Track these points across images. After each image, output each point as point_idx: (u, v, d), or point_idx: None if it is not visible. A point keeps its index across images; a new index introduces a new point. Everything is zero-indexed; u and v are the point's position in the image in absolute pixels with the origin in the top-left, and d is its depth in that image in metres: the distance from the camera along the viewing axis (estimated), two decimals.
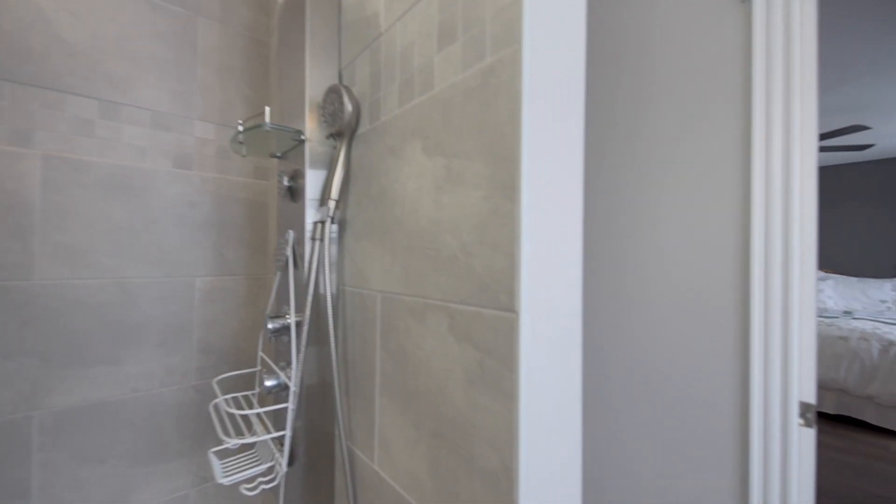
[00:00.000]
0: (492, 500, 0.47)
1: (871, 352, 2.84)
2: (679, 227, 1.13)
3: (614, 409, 1.29)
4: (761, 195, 0.99)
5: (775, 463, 0.97)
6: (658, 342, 1.17)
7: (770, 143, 0.97)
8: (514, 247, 0.44)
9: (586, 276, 1.38)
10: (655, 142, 1.18)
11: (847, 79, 2.36)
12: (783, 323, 0.99)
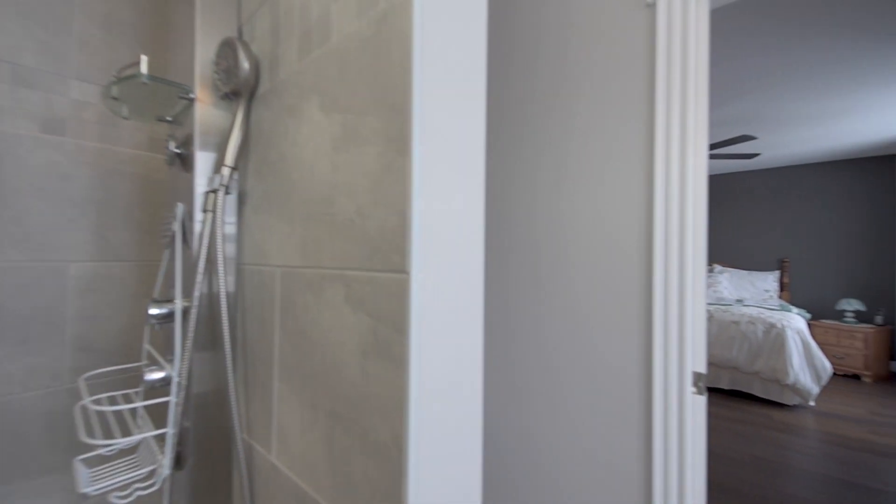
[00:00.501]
0: (382, 474, 0.44)
1: (756, 333, 3.28)
2: (592, 213, 1.20)
3: (526, 378, 1.34)
4: (662, 195, 1.08)
5: (674, 425, 1.06)
6: (573, 318, 1.23)
7: (669, 150, 1.06)
8: (405, 203, 0.42)
9: (500, 250, 1.42)
10: (571, 130, 1.24)
11: (739, 93, 2.69)
12: (679, 305, 1.08)
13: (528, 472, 1.37)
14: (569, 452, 1.26)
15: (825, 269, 4.43)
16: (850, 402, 3.23)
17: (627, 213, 1.14)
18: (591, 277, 1.21)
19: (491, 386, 1.48)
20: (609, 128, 1.18)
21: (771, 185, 4.80)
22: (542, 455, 1.33)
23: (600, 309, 1.20)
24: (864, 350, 3.79)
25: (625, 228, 1.15)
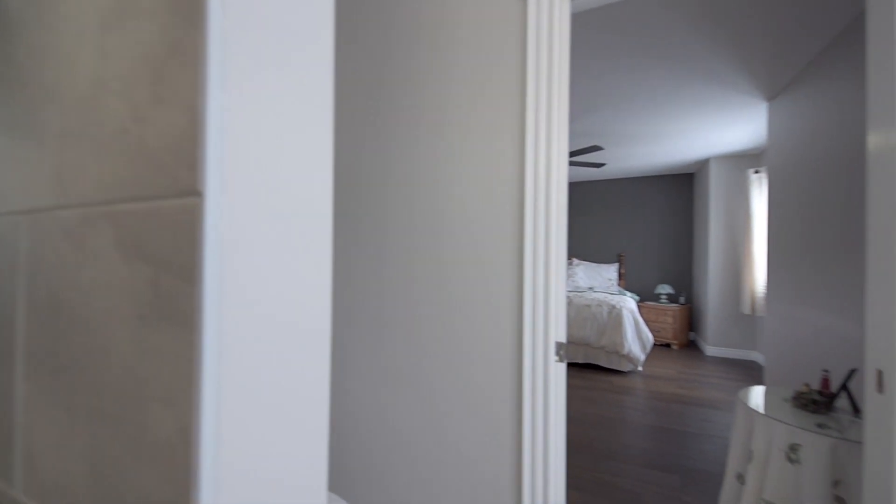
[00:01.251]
0: (163, 482, 0.31)
1: (603, 314, 3.89)
2: (471, 200, 1.21)
3: (398, 349, 1.30)
4: (531, 194, 1.14)
5: (540, 389, 1.12)
6: (454, 293, 1.23)
7: (538, 150, 1.13)
8: (196, 95, 0.29)
9: (374, 237, 1.34)
10: (451, 110, 1.23)
11: (592, 109, 3.13)
12: (545, 286, 1.14)
13: (409, 441, 1.31)
14: (451, 418, 1.25)
15: (648, 261, 5.54)
16: (665, 365, 4.09)
17: (501, 202, 1.18)
18: (470, 260, 1.22)
19: (359, 366, 1.38)
20: (484, 123, 1.20)
21: (613, 193, 5.78)
22: (424, 422, 1.29)
23: (477, 290, 1.21)
24: (673, 324, 4.85)
25: (499, 213, 1.19)
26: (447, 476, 1.25)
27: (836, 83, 2.06)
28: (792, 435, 1.25)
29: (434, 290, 1.28)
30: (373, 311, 1.38)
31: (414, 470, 1.30)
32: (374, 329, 1.37)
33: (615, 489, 1.89)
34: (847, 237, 1.90)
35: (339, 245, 1.44)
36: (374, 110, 1.37)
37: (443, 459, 1.26)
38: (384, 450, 1.35)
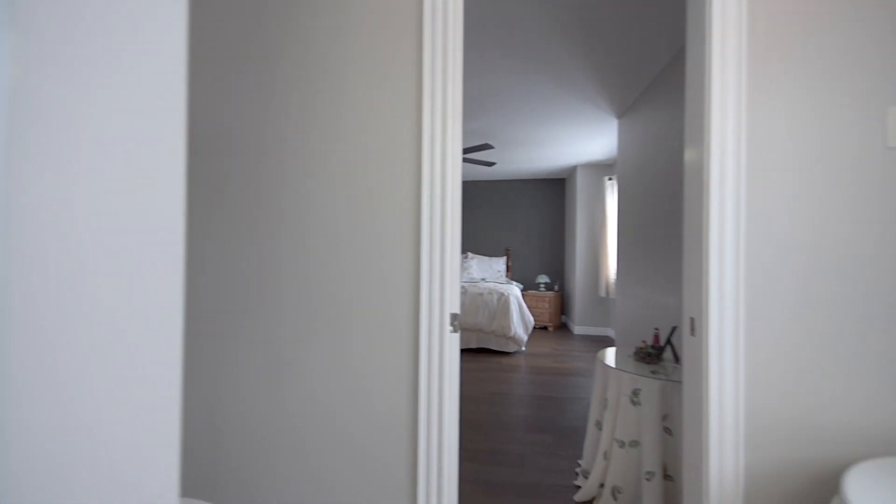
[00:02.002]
0: None
1: (493, 301, 4.21)
2: (375, 177, 1.19)
3: (286, 335, 1.22)
4: (428, 173, 1.17)
5: (435, 357, 1.16)
6: (350, 271, 1.19)
7: (433, 133, 1.16)
8: None
9: (265, 227, 1.23)
10: (350, 90, 1.18)
11: (482, 110, 3.36)
12: (441, 258, 1.18)
13: (295, 422, 1.22)
14: (345, 401, 1.20)
15: (531, 254, 6.20)
16: (543, 344, 4.63)
17: (399, 180, 1.18)
18: (367, 238, 1.19)
19: (238, 359, 1.24)
20: (385, 102, 1.19)
21: (503, 193, 6.31)
22: (328, 392, 1.21)
23: (372, 268, 1.19)
24: (549, 309, 5.53)
25: (397, 191, 1.18)
26: (340, 460, 1.20)
27: (664, 107, 2.61)
28: (634, 382, 1.55)
29: (329, 271, 1.21)
30: (259, 297, 1.24)
31: (306, 462, 1.21)
32: (259, 318, 1.24)
33: (503, 454, 2.07)
34: (671, 230, 2.43)
35: (217, 228, 1.26)
36: (270, 85, 1.24)
37: (335, 447, 1.20)
38: (271, 446, 1.23)
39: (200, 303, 1.26)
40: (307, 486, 1.21)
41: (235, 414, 1.25)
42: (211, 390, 1.26)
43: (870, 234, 1.00)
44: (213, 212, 1.26)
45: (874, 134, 1.00)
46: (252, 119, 1.25)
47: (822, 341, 1.01)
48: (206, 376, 1.26)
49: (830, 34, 1.02)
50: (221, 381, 1.26)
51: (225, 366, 1.26)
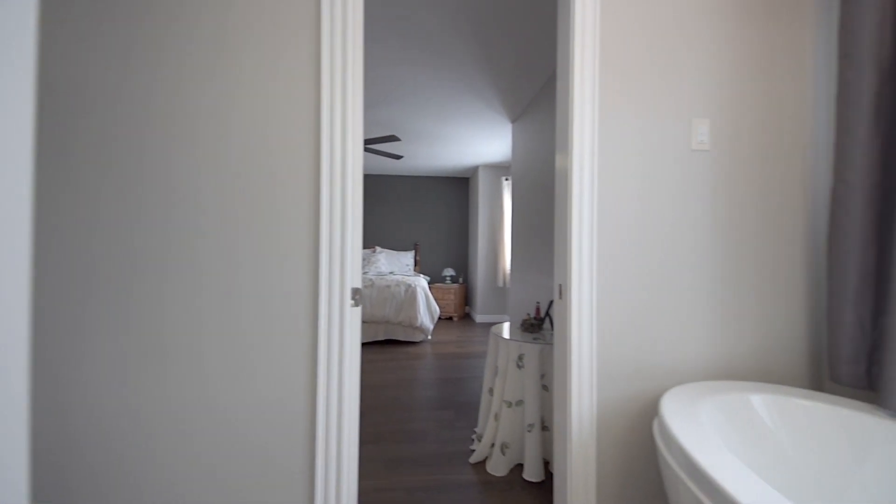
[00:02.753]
0: None
1: (401, 293, 4.27)
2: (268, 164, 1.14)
3: (166, 318, 1.12)
4: (328, 146, 1.17)
5: (336, 332, 1.17)
6: (243, 247, 1.14)
7: (333, 104, 1.17)
8: None
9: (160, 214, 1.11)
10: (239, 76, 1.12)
11: (387, 101, 3.39)
12: (341, 234, 1.20)
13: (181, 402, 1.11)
14: (236, 384, 1.13)
15: (438, 248, 6.43)
16: (448, 333, 4.85)
17: (297, 155, 1.16)
18: (262, 213, 1.14)
19: (107, 348, 1.09)
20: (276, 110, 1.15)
21: (411, 189, 6.40)
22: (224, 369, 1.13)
23: (269, 242, 1.15)
24: (455, 300, 5.80)
25: (294, 166, 1.16)
26: (233, 449, 1.13)
27: (544, 116, 2.98)
28: (519, 348, 1.76)
29: (221, 251, 1.13)
30: (140, 281, 1.09)
31: (192, 451, 1.11)
32: (137, 302, 1.09)
33: (406, 433, 2.15)
34: (549, 223, 2.79)
35: (94, 210, 1.07)
36: (160, 62, 1.09)
37: (225, 436, 1.13)
38: (152, 440, 1.09)
39: (64, 287, 1.06)
40: (195, 477, 1.11)
41: (102, 410, 1.08)
42: (76, 386, 1.07)
43: (682, 214, 1.32)
44: (95, 193, 1.07)
45: (684, 140, 1.33)
46: (127, 84, 1.09)
47: (651, 301, 1.30)
48: (66, 371, 1.07)
49: (656, 72, 1.31)
50: (85, 374, 1.07)
51: (87, 358, 1.08)
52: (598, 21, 1.28)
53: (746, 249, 1.33)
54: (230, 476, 1.13)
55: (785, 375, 1.33)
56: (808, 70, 1.36)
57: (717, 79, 1.33)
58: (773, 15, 1.34)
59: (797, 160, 1.35)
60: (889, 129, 1.07)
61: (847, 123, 1.11)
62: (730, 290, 1.32)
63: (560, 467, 1.31)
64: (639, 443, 1.28)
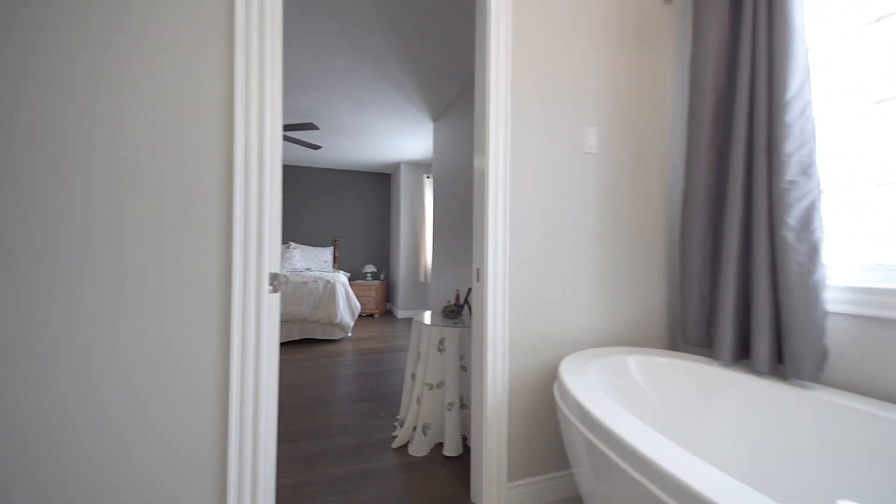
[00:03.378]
0: None
1: (319, 289, 4.10)
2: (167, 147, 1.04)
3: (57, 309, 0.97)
4: (242, 123, 1.10)
5: (251, 319, 1.11)
6: (146, 234, 1.02)
7: (248, 98, 1.11)
8: None
9: None
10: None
11: (308, 89, 3.24)
12: (258, 213, 1.14)
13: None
14: (133, 378, 1.01)
15: (358, 245, 6.29)
16: (369, 330, 4.78)
17: (207, 132, 1.08)
18: (173, 200, 1.04)
19: None
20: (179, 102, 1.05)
21: (331, 182, 6.15)
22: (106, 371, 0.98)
23: (172, 223, 1.05)
24: (376, 297, 5.74)
25: (203, 143, 1.08)
26: (135, 453, 1.01)
27: (463, 118, 3.14)
28: (440, 333, 1.85)
29: (110, 232, 0.99)
30: (16, 271, 0.90)
31: (90, 450, 0.96)
32: (18, 293, 0.90)
33: (326, 428, 2.10)
34: (469, 219, 2.95)
35: None
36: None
37: (126, 439, 1.00)
38: (45, 441, 0.92)
39: None
40: (95, 472, 0.96)
41: None
42: None
43: (576, 208, 1.52)
44: None
45: (578, 144, 1.54)
46: None
47: (552, 282, 1.48)
48: None
49: (556, 87, 1.50)
50: None
51: None
52: (511, 43, 1.42)
53: (624, 237, 1.60)
54: (134, 473, 1.01)
55: (651, 340, 1.63)
56: (668, 92, 1.68)
57: (602, 94, 1.57)
58: (644, 47, 1.63)
59: (660, 164, 1.67)
60: (722, 142, 1.39)
61: (694, 136, 1.41)
62: (611, 272, 1.57)
63: (477, 431, 1.43)
64: (542, 404, 1.45)
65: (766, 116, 1.18)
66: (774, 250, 1.16)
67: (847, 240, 1.20)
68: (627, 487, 0.77)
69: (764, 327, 1.17)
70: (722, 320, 1.30)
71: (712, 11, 1.37)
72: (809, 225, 1.10)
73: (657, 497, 0.69)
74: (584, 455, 0.96)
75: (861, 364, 1.08)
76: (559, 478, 1.46)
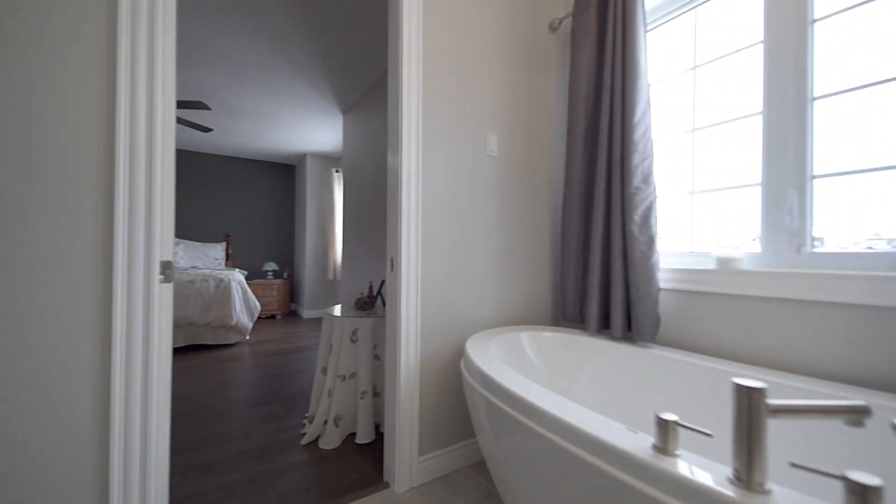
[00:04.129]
0: None
1: (209, 288, 3.69)
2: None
3: None
4: (126, 91, 1.00)
5: (138, 314, 1.01)
6: None
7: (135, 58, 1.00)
8: None
9: None
10: None
11: (199, 63, 2.90)
12: (147, 195, 1.05)
13: None
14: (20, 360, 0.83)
15: (257, 241, 5.77)
16: (270, 332, 4.46)
17: (78, 100, 0.94)
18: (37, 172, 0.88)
19: None
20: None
21: (224, 171, 5.53)
22: None
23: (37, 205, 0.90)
24: (278, 297, 5.36)
25: (76, 117, 0.94)
26: None
27: (375, 114, 3.17)
28: (353, 324, 1.87)
29: None
30: None
31: None
32: None
33: (224, 435, 1.94)
34: (381, 215, 2.99)
35: None
36: None
37: None
38: None
39: None
40: None
41: None
42: None
43: (479, 204, 1.70)
44: None
45: (481, 147, 1.71)
46: None
47: (459, 271, 1.63)
48: None
49: (462, 97, 1.65)
50: None
51: None
52: (422, 52, 1.52)
53: (518, 230, 1.84)
54: None
55: (540, 318, 1.90)
56: (553, 108, 1.98)
57: (501, 104, 1.77)
58: (535, 68, 1.90)
59: (547, 169, 1.95)
60: (591, 154, 1.69)
61: (571, 148, 1.70)
62: (510, 261, 1.80)
63: (390, 412, 1.50)
64: (450, 381, 1.59)
65: (620, 135, 1.50)
66: (625, 241, 1.48)
67: (673, 233, 1.59)
68: (521, 435, 0.94)
69: (618, 302, 1.48)
70: (590, 299, 1.60)
71: (584, 47, 1.66)
72: (648, 221, 1.44)
73: (543, 435, 0.86)
74: (486, 417, 1.11)
75: (682, 326, 1.45)
76: (465, 447, 1.62)
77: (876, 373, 1.02)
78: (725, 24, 1.45)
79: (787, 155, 1.23)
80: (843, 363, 1.07)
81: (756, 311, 1.24)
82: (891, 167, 1.07)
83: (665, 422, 0.69)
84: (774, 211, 1.25)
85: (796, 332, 1.16)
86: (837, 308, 1.08)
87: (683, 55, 1.58)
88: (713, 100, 1.48)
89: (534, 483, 0.91)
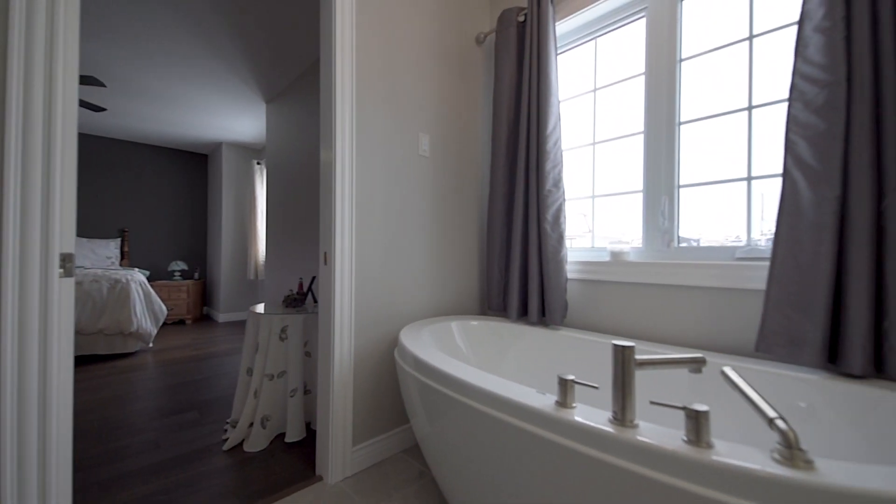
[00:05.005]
0: None
1: (102, 291, 3.23)
2: None
3: None
4: None
5: (33, 312, 0.91)
6: None
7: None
8: None
9: None
10: None
11: (89, 34, 2.53)
12: (46, 182, 0.95)
13: None
14: None
15: (161, 237, 5.15)
16: (178, 339, 4.03)
17: None
18: None
19: None
20: None
21: (116, 156, 4.83)
22: None
23: None
24: (188, 299, 4.85)
25: None
26: None
27: (304, 103, 3.07)
28: (283, 321, 1.82)
29: None
30: None
31: None
32: None
33: (127, 448, 1.76)
34: (312, 208, 2.91)
35: None
36: None
37: None
38: None
39: None
40: None
41: None
42: None
43: (412, 202, 1.78)
44: None
45: (414, 147, 1.80)
46: None
47: (393, 264, 1.69)
48: None
49: (396, 99, 1.72)
50: None
51: None
52: (355, 49, 1.55)
53: (448, 227, 1.96)
54: None
55: (469, 308, 2.05)
56: (479, 115, 2.14)
57: (432, 108, 1.88)
58: (463, 76, 2.04)
59: (475, 171, 2.11)
60: (512, 159, 1.88)
61: (495, 152, 1.87)
62: (440, 255, 1.91)
63: (323, 405, 1.51)
64: (384, 371, 1.65)
65: (536, 144, 1.70)
66: (540, 237, 1.68)
67: (579, 230, 1.85)
68: (451, 410, 1.04)
69: (534, 291, 1.68)
70: (511, 290, 1.78)
71: (506, 61, 1.84)
72: (558, 220, 1.65)
73: (469, 405, 0.97)
74: (418, 399, 1.19)
75: (584, 310, 1.69)
76: (399, 433, 1.69)
77: (721, 341, 1.32)
78: (618, 54, 1.73)
79: (661, 167, 1.52)
80: (698, 334, 1.37)
81: (637, 294, 1.52)
82: (733, 180, 1.40)
83: (564, 381, 0.84)
84: (651, 213, 1.54)
85: (666, 311, 1.44)
86: (693, 290, 1.37)
87: (586, 78, 1.85)
88: (610, 118, 1.75)
89: (460, 452, 1.02)
